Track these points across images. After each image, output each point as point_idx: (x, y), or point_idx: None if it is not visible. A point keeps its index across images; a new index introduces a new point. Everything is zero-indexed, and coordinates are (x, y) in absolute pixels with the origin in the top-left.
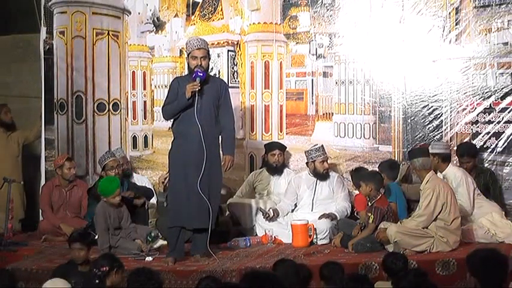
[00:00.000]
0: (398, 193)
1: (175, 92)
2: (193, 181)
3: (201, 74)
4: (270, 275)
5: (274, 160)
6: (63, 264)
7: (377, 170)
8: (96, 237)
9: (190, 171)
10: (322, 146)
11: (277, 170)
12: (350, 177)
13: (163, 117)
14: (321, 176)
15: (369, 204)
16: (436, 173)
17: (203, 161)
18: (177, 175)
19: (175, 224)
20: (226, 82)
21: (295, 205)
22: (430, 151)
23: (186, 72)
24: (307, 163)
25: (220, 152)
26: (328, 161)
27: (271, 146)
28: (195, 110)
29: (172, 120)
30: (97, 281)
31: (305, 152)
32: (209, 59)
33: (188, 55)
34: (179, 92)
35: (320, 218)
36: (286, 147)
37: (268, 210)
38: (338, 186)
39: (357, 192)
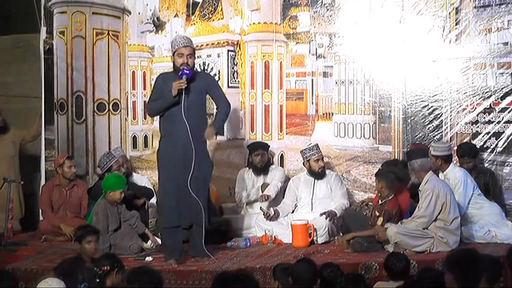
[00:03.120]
0: None
1: (160, 89)
2: (183, 180)
3: (188, 72)
4: (242, 276)
5: (259, 161)
6: (70, 258)
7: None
8: None
9: (179, 171)
10: (316, 144)
11: (262, 170)
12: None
13: (148, 114)
14: (317, 174)
15: (380, 202)
16: (438, 173)
17: (192, 160)
18: (167, 174)
19: (170, 225)
20: (227, 81)
21: (295, 205)
22: (432, 153)
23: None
24: (303, 163)
25: (209, 150)
26: (327, 160)
27: (253, 147)
28: (182, 108)
29: (158, 118)
30: (97, 280)
31: (300, 152)
32: (195, 57)
33: (174, 53)
34: (164, 89)
35: (321, 215)
36: (269, 146)
37: (269, 209)
38: (336, 184)
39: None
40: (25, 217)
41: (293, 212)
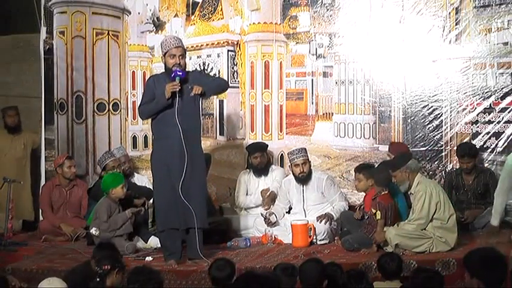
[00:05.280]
0: (399, 193)
1: (151, 92)
2: (177, 183)
3: (181, 73)
4: (265, 277)
5: (257, 162)
6: (80, 265)
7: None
8: (95, 232)
9: (174, 174)
10: (301, 148)
11: (262, 171)
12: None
13: (140, 116)
14: (298, 179)
15: (372, 197)
16: None
17: (185, 163)
18: (161, 178)
19: (166, 227)
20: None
21: (290, 208)
22: None
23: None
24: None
25: (203, 151)
26: (326, 161)
27: (251, 149)
28: (175, 111)
29: (150, 120)
30: (97, 279)
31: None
32: (185, 57)
33: (165, 54)
34: (156, 92)
35: (318, 219)
36: (267, 146)
37: (270, 215)
38: (329, 188)
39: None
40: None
41: (288, 212)
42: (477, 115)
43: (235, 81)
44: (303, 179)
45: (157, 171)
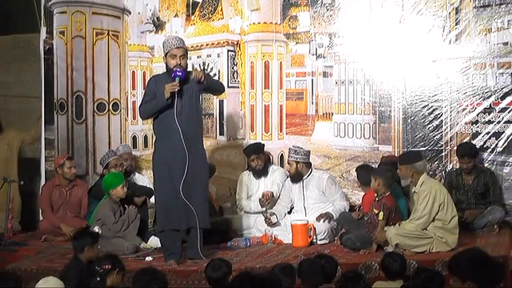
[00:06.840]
0: (399, 194)
1: (152, 91)
2: (179, 183)
3: (180, 74)
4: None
5: (255, 164)
6: (71, 263)
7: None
8: (98, 229)
9: (174, 174)
10: (291, 147)
11: (261, 172)
12: (356, 176)
13: (140, 116)
14: (291, 177)
15: (377, 199)
16: None
17: (186, 163)
18: (162, 178)
19: (166, 227)
20: (227, 81)
21: (291, 207)
22: None
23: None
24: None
25: (206, 151)
26: (326, 161)
27: (247, 152)
28: (174, 111)
29: (152, 120)
30: (98, 279)
31: None
32: (188, 58)
33: (166, 54)
34: (157, 92)
35: (317, 219)
36: (263, 146)
37: (271, 215)
38: (329, 187)
39: (358, 189)
40: (23, 219)
41: (289, 213)
42: (477, 115)
43: (235, 81)
44: (292, 176)
45: (158, 171)
